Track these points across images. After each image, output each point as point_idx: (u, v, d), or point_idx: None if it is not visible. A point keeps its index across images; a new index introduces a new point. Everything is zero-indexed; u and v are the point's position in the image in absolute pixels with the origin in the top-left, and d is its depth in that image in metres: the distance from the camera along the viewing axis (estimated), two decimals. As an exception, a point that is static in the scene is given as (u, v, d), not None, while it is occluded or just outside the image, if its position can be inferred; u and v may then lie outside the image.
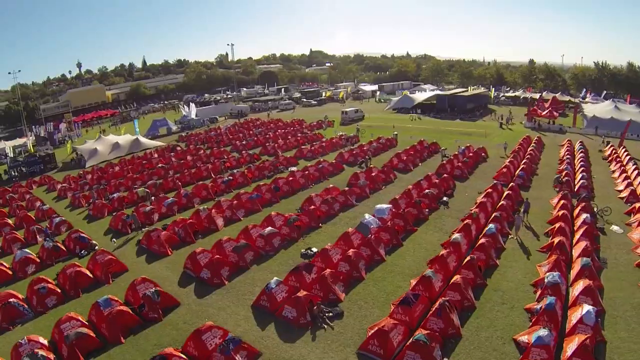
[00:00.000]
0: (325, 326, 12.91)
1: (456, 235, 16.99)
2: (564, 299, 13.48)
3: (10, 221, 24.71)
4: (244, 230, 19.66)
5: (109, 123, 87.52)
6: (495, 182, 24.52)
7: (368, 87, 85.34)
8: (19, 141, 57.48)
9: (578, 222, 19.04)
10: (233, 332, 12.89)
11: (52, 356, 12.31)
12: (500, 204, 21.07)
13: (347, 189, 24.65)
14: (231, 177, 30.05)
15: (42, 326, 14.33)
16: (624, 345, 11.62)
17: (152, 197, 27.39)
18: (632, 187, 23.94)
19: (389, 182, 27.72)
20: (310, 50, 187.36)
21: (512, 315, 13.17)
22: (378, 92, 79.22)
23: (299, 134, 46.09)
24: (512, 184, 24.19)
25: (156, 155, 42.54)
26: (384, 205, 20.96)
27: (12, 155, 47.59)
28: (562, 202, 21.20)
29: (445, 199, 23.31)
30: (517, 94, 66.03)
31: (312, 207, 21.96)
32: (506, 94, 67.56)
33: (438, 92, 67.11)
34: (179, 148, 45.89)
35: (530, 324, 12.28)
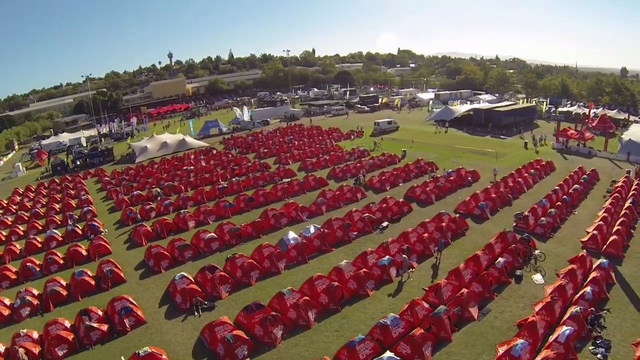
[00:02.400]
0: (196, 313, 19.40)
1: (342, 262, 21.57)
2: (391, 341, 15.71)
3: (57, 206, 36.38)
4: (195, 234, 27.07)
5: (179, 117, 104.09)
6: (442, 212, 27.48)
7: (425, 95, 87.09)
8: (94, 131, 75.21)
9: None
10: (142, 306, 20.25)
11: (36, 302, 21.22)
12: (424, 235, 24.53)
13: (301, 205, 30.33)
14: (226, 185, 37.90)
15: (41, 283, 23.58)
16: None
17: (159, 198, 36.63)
18: (596, 232, 24.21)
19: (354, 201, 32.38)
20: (399, 49, 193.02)
21: (335, 342, 16.49)
22: (431, 101, 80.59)
23: (316, 145, 52.25)
24: (457, 215, 27.02)
25: (192, 157, 52.90)
26: (313, 225, 26.26)
27: (85, 145, 63.60)
28: (491, 241, 23.56)
29: (385, 224, 27.37)
30: (570, 108, 62.01)
31: (258, 219, 28.35)
32: (559, 109, 63.92)
33: (476, 105, 67.58)
34: (214, 151, 55.78)
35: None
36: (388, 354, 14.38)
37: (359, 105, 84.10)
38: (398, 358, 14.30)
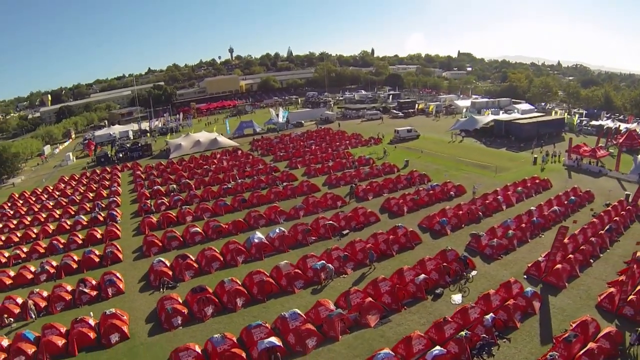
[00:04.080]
0: (162, 290, 25.75)
1: (282, 262, 26.28)
2: (286, 331, 19.89)
3: (91, 195, 45.42)
4: (185, 228, 33.69)
5: (224, 115, 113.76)
6: (398, 225, 31.12)
7: (463, 102, 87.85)
8: (143, 125, 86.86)
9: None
10: (126, 281, 27.11)
11: (52, 271, 29.01)
12: (367, 246, 28.36)
13: (280, 209, 35.74)
14: (231, 186, 44.39)
15: (60, 257, 31.52)
16: None
17: (172, 193, 44.07)
18: (541, 259, 25.42)
19: (333, 208, 36.96)
20: (459, 52, 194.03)
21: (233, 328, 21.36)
22: (464, 109, 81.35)
23: (331, 150, 57.18)
24: (411, 230, 30.53)
25: (218, 156, 60.44)
26: (279, 228, 31.56)
27: (132, 138, 74.36)
28: (424, 257, 26.00)
29: (345, 232, 31.82)
30: (602, 122, 59.93)
31: (239, 219, 34.27)
32: (592, 122, 62.04)
33: (496, 116, 68.33)
34: (240, 152, 62.93)
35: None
36: (271, 338, 19.13)
37: (394, 111, 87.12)
38: (278, 343, 18.89)
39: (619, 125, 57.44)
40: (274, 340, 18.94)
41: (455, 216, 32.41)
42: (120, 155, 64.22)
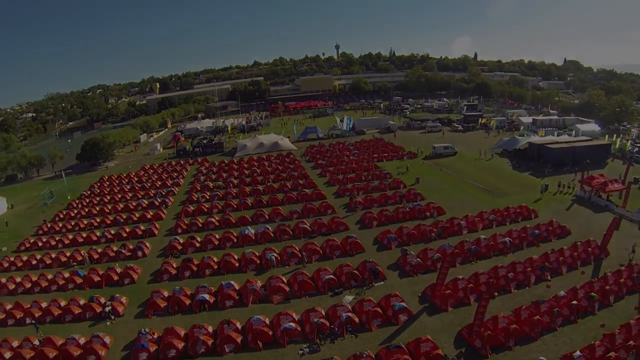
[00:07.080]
0: (170, 257, 39.54)
1: (247, 250, 38.13)
2: (221, 294, 32.07)
3: (159, 183, 62.64)
4: (206, 217, 47.48)
5: (309, 114, 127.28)
6: (351, 235, 39.91)
7: (526, 119, 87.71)
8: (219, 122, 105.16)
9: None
10: (152, 249, 41.75)
11: (110, 236, 45.28)
12: (314, 248, 38.41)
13: (280, 210, 47.40)
14: (261, 189, 57.26)
15: (117, 228, 47.69)
16: None
17: (214, 189, 58.60)
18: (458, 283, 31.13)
19: (323, 214, 47.23)
20: (565, 60, 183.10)
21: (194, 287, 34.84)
22: (522, 127, 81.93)
23: (364, 162, 66.67)
24: (356, 240, 38.94)
25: (272, 159, 74.22)
26: (265, 226, 43.32)
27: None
28: (344, 264, 34.41)
29: (314, 235, 41.99)
30: None
31: (244, 216, 46.94)
32: None
33: (532, 138, 69.45)
34: (292, 155, 75.85)
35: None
36: (205, 295, 30.95)
37: (456, 124, 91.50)
38: (209, 299, 30.73)
39: None
40: (206, 296, 31.11)
41: (408, 234, 40.04)
42: (196, 150, 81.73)
